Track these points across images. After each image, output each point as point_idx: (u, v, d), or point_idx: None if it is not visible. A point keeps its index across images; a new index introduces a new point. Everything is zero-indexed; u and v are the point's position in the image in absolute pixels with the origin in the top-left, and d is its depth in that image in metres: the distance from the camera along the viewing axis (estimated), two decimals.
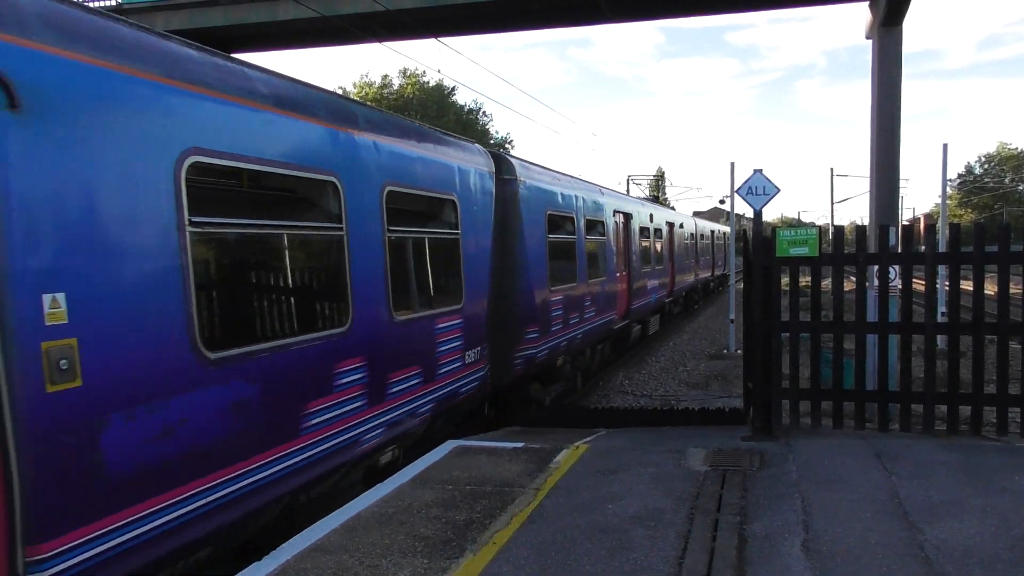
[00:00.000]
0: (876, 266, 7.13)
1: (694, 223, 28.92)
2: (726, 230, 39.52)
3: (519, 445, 6.85)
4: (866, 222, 19.14)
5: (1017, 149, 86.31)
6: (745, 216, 62.78)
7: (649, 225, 18.34)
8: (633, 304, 15.70)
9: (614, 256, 14.07)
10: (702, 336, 21.35)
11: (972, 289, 6.87)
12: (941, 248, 9.63)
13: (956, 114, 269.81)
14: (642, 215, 17.57)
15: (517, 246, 9.24)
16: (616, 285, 14.19)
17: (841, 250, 7.13)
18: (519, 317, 9.23)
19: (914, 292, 7.18)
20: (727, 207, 27.41)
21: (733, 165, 16.52)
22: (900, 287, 7.16)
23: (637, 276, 16.19)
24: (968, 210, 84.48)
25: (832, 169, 55.88)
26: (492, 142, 53.31)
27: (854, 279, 7.21)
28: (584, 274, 11.89)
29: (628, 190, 45.67)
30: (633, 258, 15.95)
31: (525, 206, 9.46)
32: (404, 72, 52.85)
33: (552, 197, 10.66)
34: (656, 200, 37.23)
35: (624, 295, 14.95)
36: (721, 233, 39.18)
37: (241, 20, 20.15)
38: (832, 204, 48.75)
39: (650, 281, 17.95)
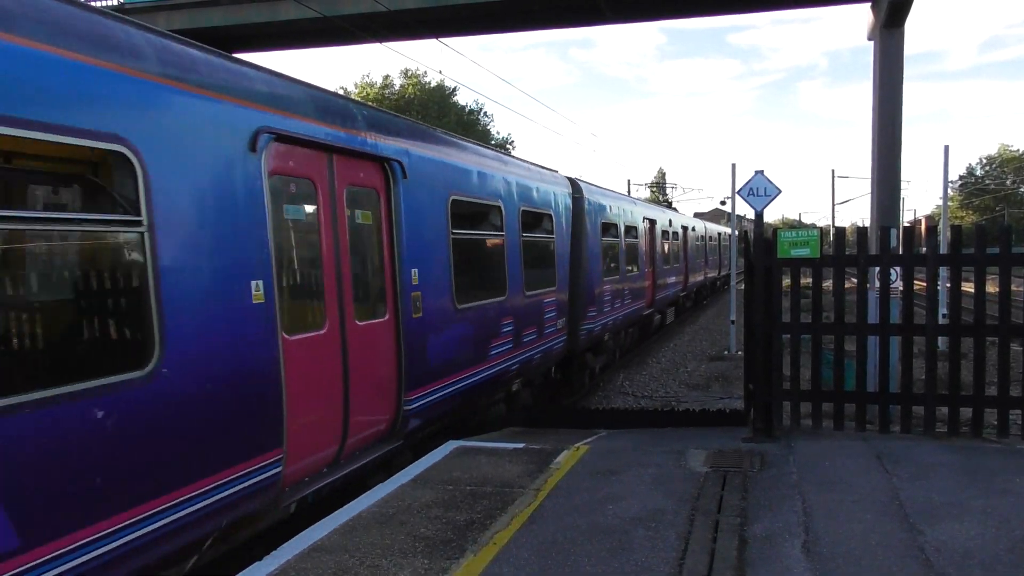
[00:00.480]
0: (877, 267, 7.13)
1: (704, 226, 31.64)
2: (729, 231, 39.61)
3: (519, 446, 6.86)
4: (867, 223, 19.12)
5: (1018, 151, 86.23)
6: (746, 217, 62.83)
7: (668, 229, 21.19)
8: (657, 296, 18.60)
9: (643, 255, 17.00)
10: (703, 337, 21.34)
11: (973, 291, 6.88)
12: (942, 250, 9.63)
13: (957, 116, 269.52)
14: (663, 220, 20.50)
15: (584, 247, 11.97)
16: (644, 280, 17.10)
17: (842, 251, 7.13)
18: (584, 300, 11.86)
19: (915, 293, 7.18)
20: (728, 208, 27.54)
21: (734, 166, 16.50)
22: (901, 288, 7.15)
23: (660, 273, 19.07)
24: (969, 212, 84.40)
25: (833, 170, 55.86)
26: (493, 142, 53.25)
27: (855, 280, 7.21)
28: (624, 269, 14.81)
29: (629, 191, 45.69)
30: (657, 257, 18.74)
31: (588, 217, 12.25)
32: (405, 72, 52.83)
33: (604, 208, 13.43)
34: (657, 203, 37.65)
35: (650, 288, 17.80)
36: (728, 235, 39.38)
37: (242, 20, 20.14)
38: (833, 205, 48.65)
39: (669, 278, 20.84)
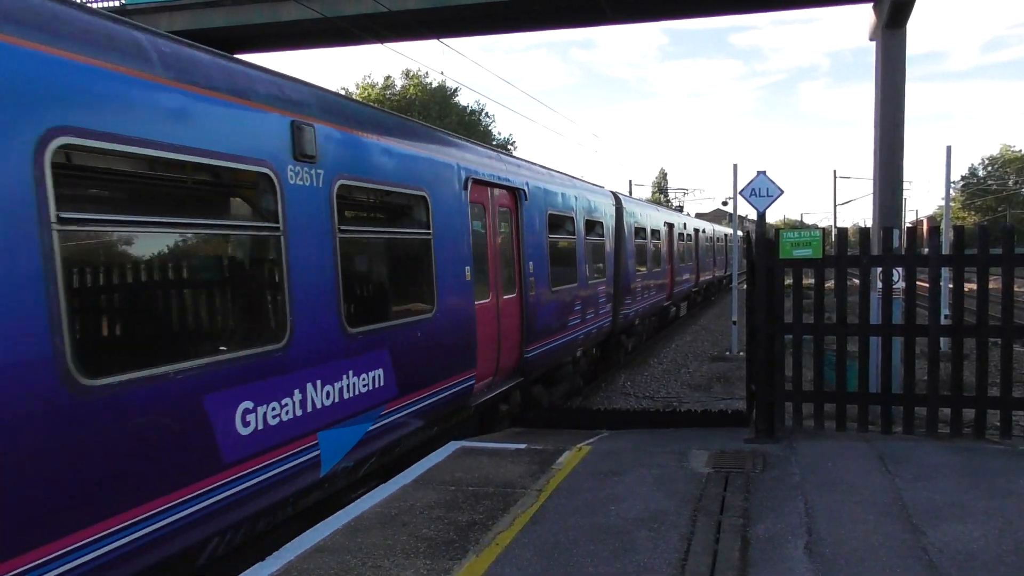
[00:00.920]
0: (880, 268, 7.12)
1: (713, 229, 34.74)
2: (739, 233, 40.04)
3: (521, 446, 6.85)
4: (869, 224, 19.10)
5: (1020, 151, 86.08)
6: (748, 218, 62.74)
7: (684, 232, 24.38)
8: (674, 290, 21.92)
9: (664, 254, 20.23)
10: (704, 338, 21.32)
11: (976, 291, 6.86)
12: (945, 250, 9.61)
13: (959, 116, 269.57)
14: (679, 224, 23.78)
15: (623, 248, 14.96)
16: (665, 276, 20.29)
17: (845, 252, 7.11)
18: (622, 291, 14.76)
19: (918, 294, 7.17)
20: (729, 209, 27.71)
21: (736, 167, 16.48)
22: (904, 289, 7.14)
23: (677, 271, 22.35)
24: (971, 212, 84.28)
25: (835, 171, 55.69)
26: (494, 143, 53.22)
27: (857, 281, 7.20)
28: (650, 265, 17.89)
29: (631, 192, 45.72)
30: (675, 257, 22.10)
31: (625, 224, 15.29)
32: (407, 73, 52.80)
33: (636, 215, 16.57)
34: (658, 203, 38.15)
35: (669, 283, 21.07)
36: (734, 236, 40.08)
37: (244, 21, 20.17)
38: (835, 206, 48.50)
39: (684, 275, 23.87)
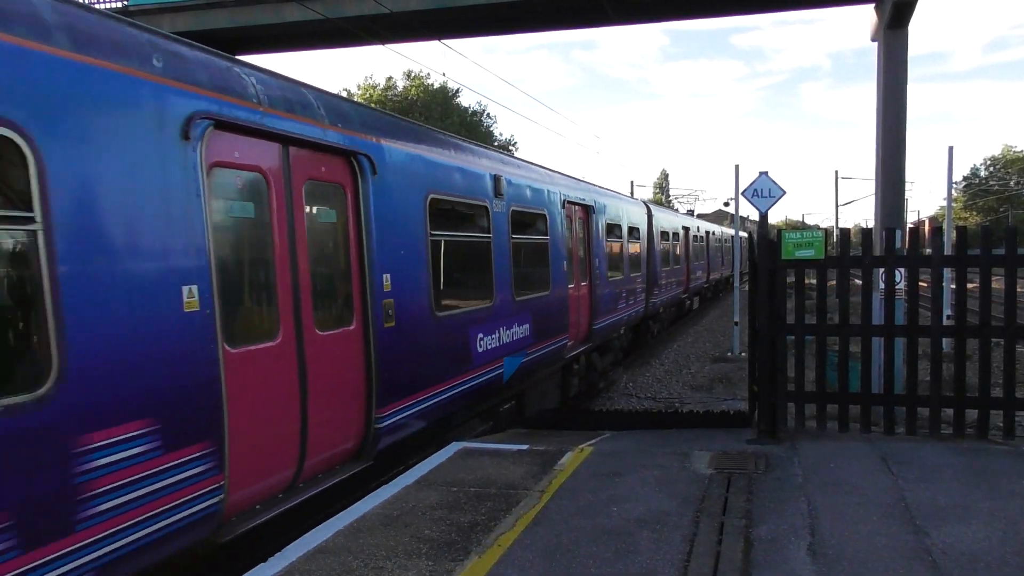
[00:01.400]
0: (882, 269, 7.11)
1: (721, 231, 37.68)
2: (743, 234, 40.14)
3: (524, 447, 6.85)
4: (871, 225, 19.07)
5: (1022, 152, 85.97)
6: (749, 219, 62.63)
7: (697, 234, 27.24)
8: (690, 285, 24.86)
9: (681, 254, 23.37)
10: (706, 339, 21.32)
11: (979, 292, 6.85)
12: (947, 251, 9.60)
13: (961, 117, 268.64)
14: (694, 227, 26.84)
15: (652, 248, 17.77)
16: (682, 273, 23.32)
17: (847, 252, 7.09)
18: (652, 283, 17.40)
19: (920, 295, 7.15)
20: (731, 209, 28.00)
21: (738, 167, 16.50)
22: (906, 290, 7.13)
23: (692, 268, 25.44)
24: (973, 213, 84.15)
25: (837, 171, 55.56)
26: (496, 144, 53.25)
27: (860, 281, 7.18)
28: (672, 263, 21.00)
29: (632, 192, 45.73)
30: (690, 256, 25.04)
31: (654, 227, 18.08)
32: (408, 74, 52.84)
33: (661, 221, 19.41)
34: (660, 204, 38.68)
35: (686, 279, 24.04)
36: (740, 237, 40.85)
37: (246, 22, 20.21)
38: (837, 206, 48.38)
39: (697, 272, 26.91)
